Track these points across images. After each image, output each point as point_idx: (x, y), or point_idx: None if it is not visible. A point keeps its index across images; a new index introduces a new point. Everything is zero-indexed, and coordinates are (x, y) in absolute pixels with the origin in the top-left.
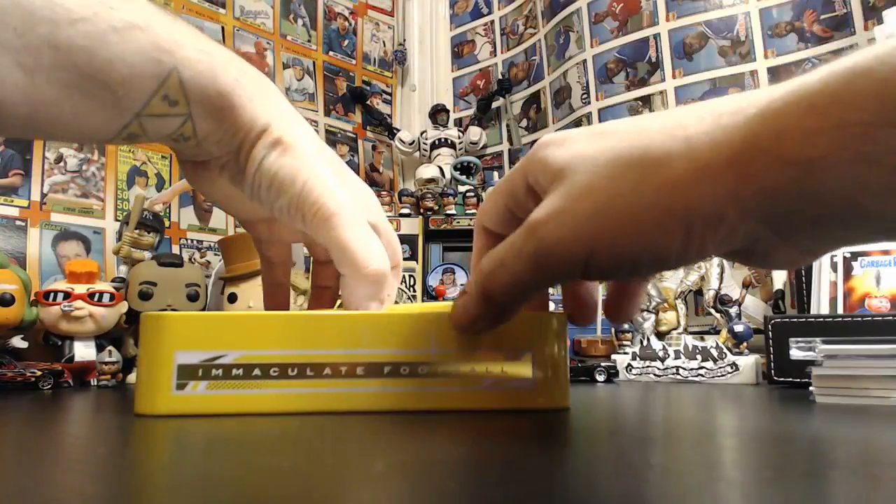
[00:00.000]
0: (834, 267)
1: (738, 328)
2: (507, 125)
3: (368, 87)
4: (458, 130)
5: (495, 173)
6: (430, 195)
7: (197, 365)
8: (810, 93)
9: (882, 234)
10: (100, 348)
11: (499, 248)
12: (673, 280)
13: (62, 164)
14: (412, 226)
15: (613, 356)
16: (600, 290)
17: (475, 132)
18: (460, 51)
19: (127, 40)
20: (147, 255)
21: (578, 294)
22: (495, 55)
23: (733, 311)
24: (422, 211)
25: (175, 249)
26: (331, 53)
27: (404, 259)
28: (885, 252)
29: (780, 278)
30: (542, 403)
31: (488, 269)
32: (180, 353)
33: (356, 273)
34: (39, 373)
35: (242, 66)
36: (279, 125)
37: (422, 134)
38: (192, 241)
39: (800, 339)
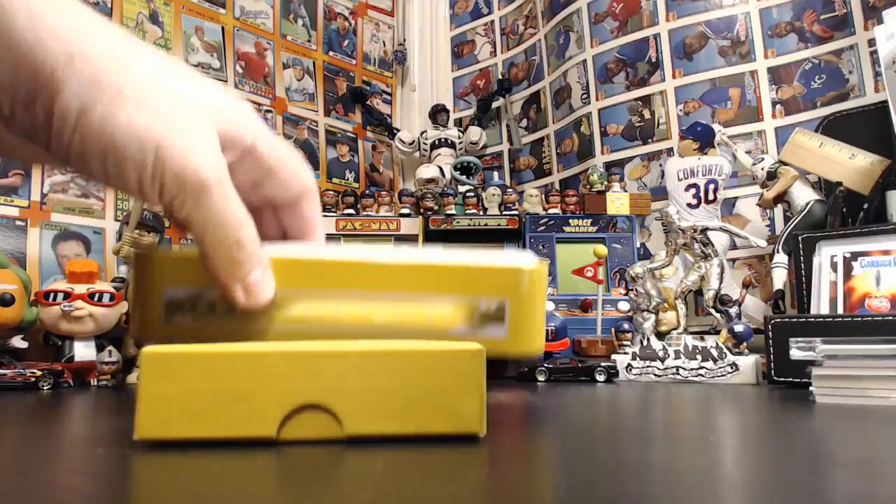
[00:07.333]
0: (834, 267)
1: (738, 328)
2: (507, 125)
3: (368, 87)
4: (458, 130)
5: (495, 173)
6: (430, 195)
7: (183, 299)
8: None
9: None
10: (100, 348)
11: None
12: (673, 280)
13: None
14: (412, 226)
15: (613, 356)
16: None
17: (475, 132)
18: (460, 51)
19: None
20: None
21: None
22: (495, 55)
23: (733, 311)
24: (422, 211)
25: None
26: (331, 53)
27: None
28: (886, 252)
29: (780, 278)
30: (514, 350)
31: None
32: (168, 289)
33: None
34: (39, 373)
35: None
36: (93, 48)
37: (422, 134)
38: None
39: (800, 339)
